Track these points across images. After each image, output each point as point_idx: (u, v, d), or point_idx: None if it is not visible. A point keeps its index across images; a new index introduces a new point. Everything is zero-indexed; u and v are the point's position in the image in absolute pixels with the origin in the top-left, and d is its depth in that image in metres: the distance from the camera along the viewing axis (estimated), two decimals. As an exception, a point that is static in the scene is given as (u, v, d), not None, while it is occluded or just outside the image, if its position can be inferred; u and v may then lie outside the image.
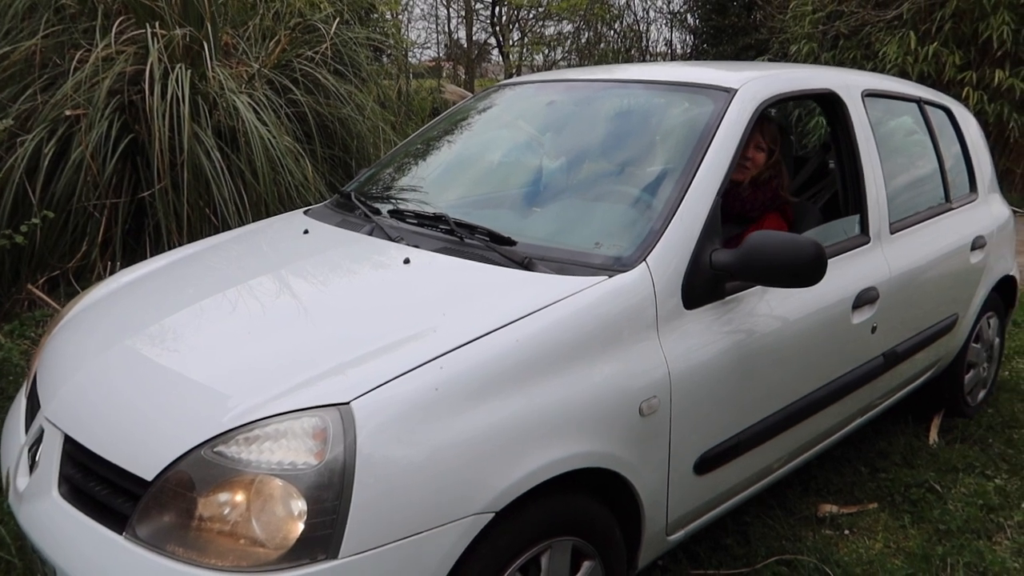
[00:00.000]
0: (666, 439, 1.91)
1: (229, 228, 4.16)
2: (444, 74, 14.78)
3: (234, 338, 1.83)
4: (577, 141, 2.69)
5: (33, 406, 1.91)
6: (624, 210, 2.23)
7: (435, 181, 2.79)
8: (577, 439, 1.69)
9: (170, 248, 4.11)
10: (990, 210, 3.48)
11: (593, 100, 2.80)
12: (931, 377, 3.23)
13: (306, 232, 2.46)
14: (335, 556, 1.39)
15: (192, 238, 4.18)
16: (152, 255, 4.17)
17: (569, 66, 14.75)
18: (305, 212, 2.74)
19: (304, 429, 1.45)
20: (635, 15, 14.23)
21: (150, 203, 4.15)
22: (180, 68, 4.15)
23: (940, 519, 2.70)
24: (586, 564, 1.83)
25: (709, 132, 2.19)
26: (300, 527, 1.40)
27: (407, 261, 2.05)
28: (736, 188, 2.70)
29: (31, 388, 2.01)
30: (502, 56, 15.14)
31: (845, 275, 2.46)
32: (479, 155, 2.93)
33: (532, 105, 3.00)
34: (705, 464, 2.04)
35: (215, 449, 1.46)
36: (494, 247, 2.04)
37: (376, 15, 8.00)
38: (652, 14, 16.46)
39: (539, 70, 14.86)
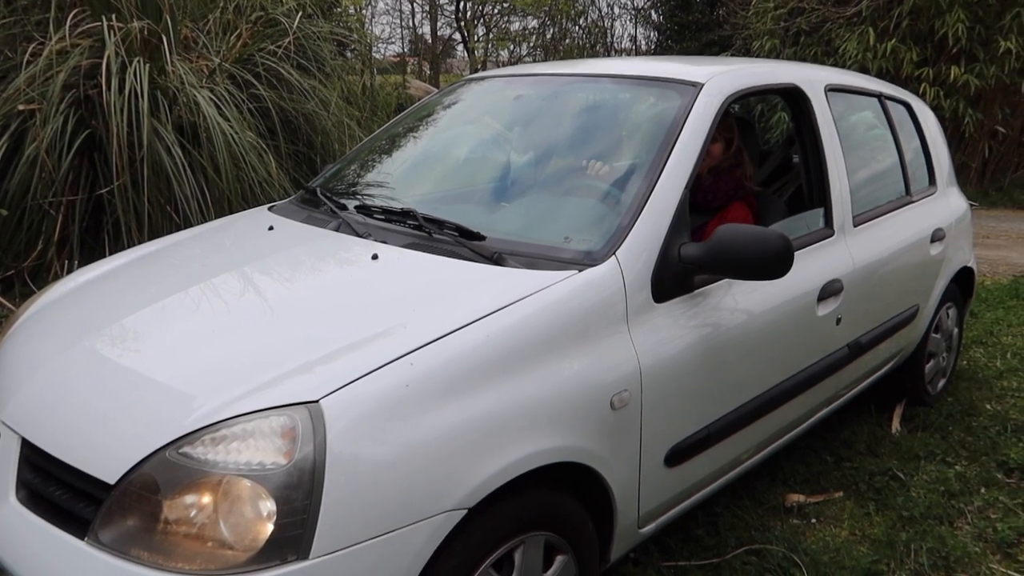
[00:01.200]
0: (637, 432, 1.91)
1: (191, 225, 4.08)
2: (409, 70, 14.69)
3: (198, 337, 1.79)
4: (545, 136, 2.68)
5: None
6: (593, 205, 2.22)
7: (402, 176, 2.76)
8: (549, 434, 1.68)
9: (130, 246, 4.02)
10: (948, 203, 3.54)
11: (560, 95, 2.79)
12: (894, 367, 3.28)
13: (271, 229, 2.42)
14: (306, 556, 1.37)
15: (152, 236, 4.10)
16: (111, 253, 4.08)
17: (534, 62, 14.76)
18: (270, 208, 2.70)
19: (272, 428, 1.43)
20: (600, 11, 14.28)
21: (108, 200, 4.06)
22: (138, 62, 4.06)
23: (903, 506, 2.74)
24: (559, 559, 1.83)
25: (676, 126, 2.20)
26: (269, 528, 1.37)
27: (375, 257, 2.03)
28: (698, 179, 2.69)
29: None
30: (467, 52, 15.09)
31: (810, 267, 2.48)
32: (447, 150, 2.90)
33: (499, 100, 2.98)
34: (676, 456, 2.05)
35: (180, 450, 1.43)
36: (463, 242, 2.02)
37: (339, 9, 7.91)
38: (616, 10, 16.56)
39: (504, 66, 14.84)
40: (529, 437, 1.64)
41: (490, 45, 14.79)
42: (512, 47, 14.63)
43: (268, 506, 1.38)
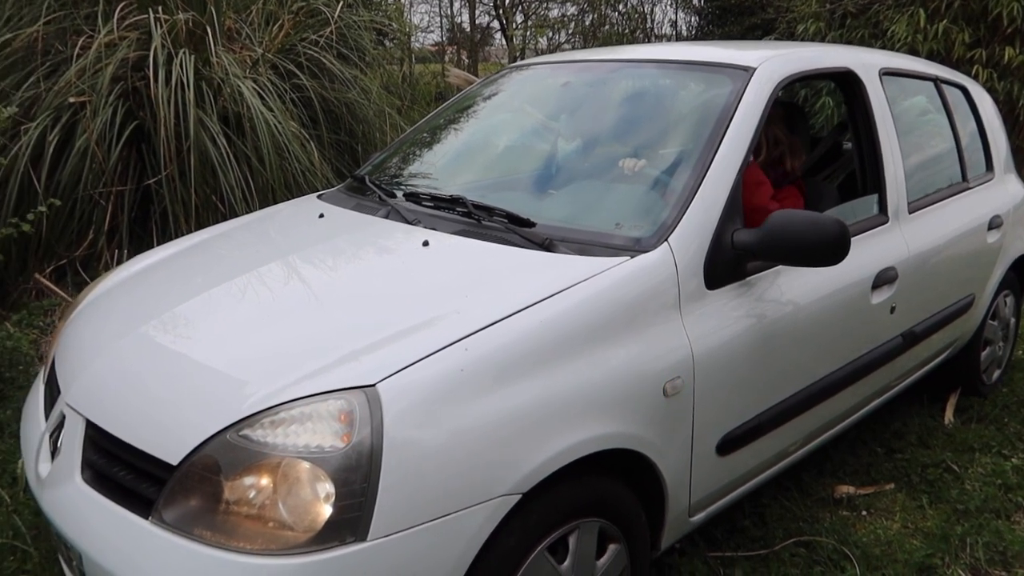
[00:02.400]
0: (689, 420, 1.90)
1: (236, 215, 4.13)
2: (447, 58, 14.70)
3: (255, 323, 1.82)
4: (594, 122, 2.66)
5: (52, 393, 1.90)
6: (644, 191, 2.21)
7: (449, 164, 2.77)
8: (603, 420, 1.68)
9: (177, 235, 4.09)
10: (1006, 189, 3.46)
11: (609, 81, 2.77)
12: (948, 357, 3.21)
13: (321, 216, 2.44)
14: (364, 538, 1.38)
15: (199, 225, 4.16)
16: (159, 243, 4.15)
17: (573, 49, 14.64)
18: (319, 196, 2.72)
19: (330, 412, 1.44)
20: (639, -4, 14.10)
21: (156, 190, 4.12)
22: (184, 53, 4.11)
23: (958, 499, 2.68)
24: (612, 547, 1.82)
25: (728, 111, 2.18)
26: (328, 510, 1.39)
27: (426, 244, 2.04)
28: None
29: (49, 375, 2.01)
30: (505, 39, 15.03)
31: (864, 255, 2.43)
32: (493, 138, 2.90)
33: (546, 87, 2.96)
34: (728, 445, 2.03)
35: (240, 433, 1.46)
36: (513, 229, 2.02)
37: (378, -1, 7.94)
38: (656, -5, 16.34)
39: (542, 53, 14.75)
40: (583, 423, 1.64)
41: (528, 33, 14.71)
42: (550, 34, 14.54)
43: (327, 488, 1.40)
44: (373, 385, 1.46)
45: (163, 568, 1.43)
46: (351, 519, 1.38)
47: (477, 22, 15.58)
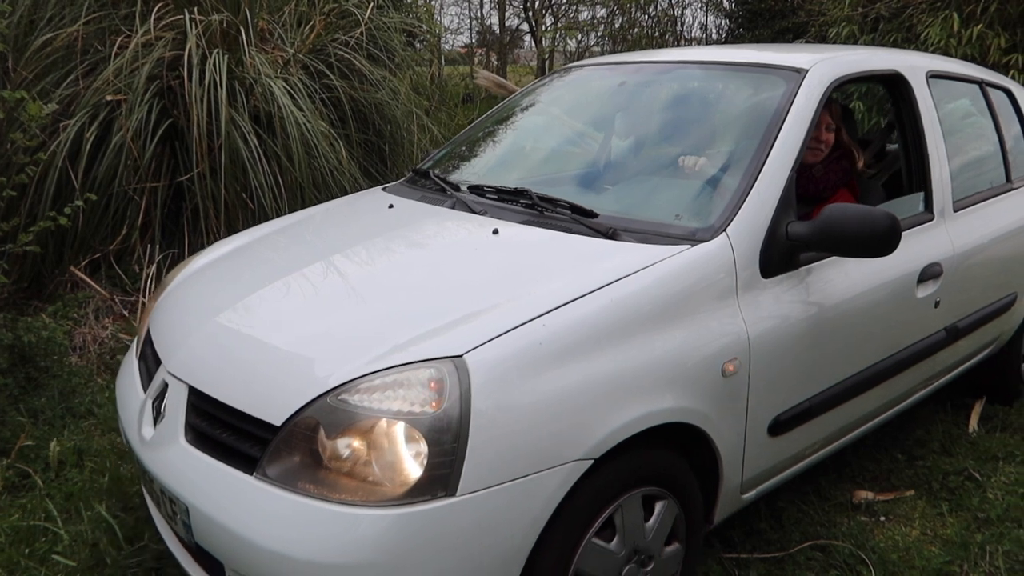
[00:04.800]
0: (744, 400, 2.01)
1: (266, 212, 4.21)
2: (477, 60, 14.76)
3: (344, 300, 1.98)
4: (650, 121, 2.79)
5: (148, 365, 2.09)
6: (702, 186, 2.32)
7: (506, 160, 2.94)
8: (666, 395, 1.81)
9: (208, 232, 4.19)
10: None
11: (664, 81, 2.89)
12: (990, 354, 3.25)
13: (391, 207, 2.59)
14: (454, 493, 1.52)
15: (229, 222, 4.24)
16: (190, 239, 4.25)
17: (603, 51, 14.63)
18: (383, 189, 2.89)
19: (421, 379, 1.57)
20: (670, -1, 14.05)
21: (188, 187, 4.22)
22: (217, 53, 4.20)
23: (979, 507, 2.65)
24: (659, 505, 1.91)
25: (782, 110, 2.29)
26: (422, 467, 1.52)
27: (496, 232, 2.18)
28: (810, 170, 2.76)
29: (142, 349, 2.20)
30: (535, 42, 15.06)
31: (910, 250, 2.50)
32: (549, 135, 3.05)
33: (603, 86, 3.07)
34: (778, 426, 2.14)
35: (339, 397, 1.59)
36: (578, 219, 2.15)
37: (410, 0, 8.01)
38: (687, -2, 16.28)
39: (572, 56, 14.76)
40: (649, 396, 1.77)
41: (558, 35, 14.73)
42: (580, 37, 14.54)
43: (420, 447, 1.53)
44: (461, 356, 1.59)
45: (269, 518, 1.56)
46: (442, 475, 1.51)
47: (507, 24, 15.63)
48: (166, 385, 1.90)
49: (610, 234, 2.06)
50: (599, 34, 14.48)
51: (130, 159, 4.07)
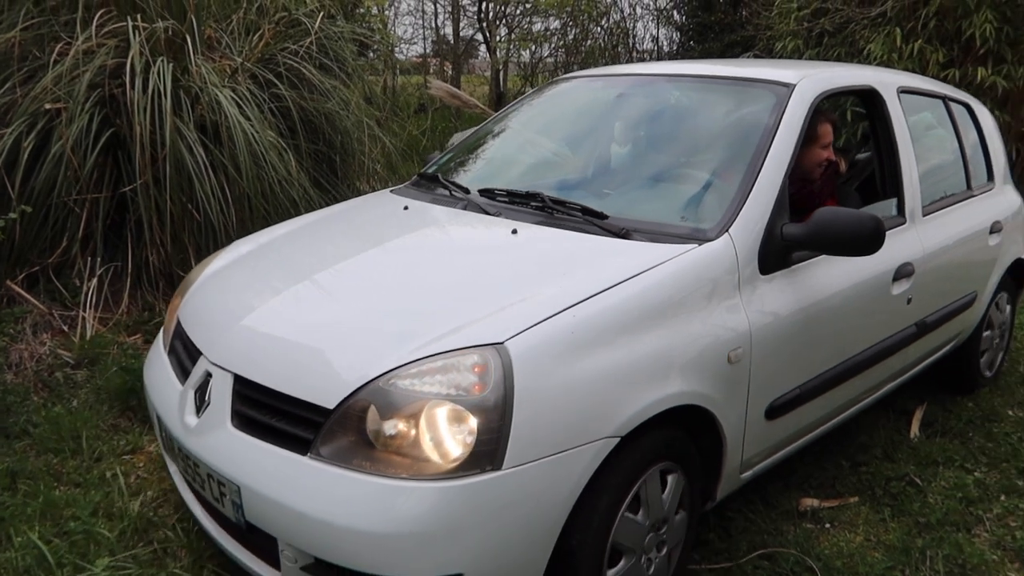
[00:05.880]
0: (746, 386, 2.20)
1: (212, 224, 4.13)
2: (431, 70, 14.73)
3: (383, 294, 2.11)
4: (650, 129, 2.98)
5: (181, 358, 2.20)
6: (704, 190, 2.50)
7: (508, 165, 3.08)
8: (681, 380, 1.98)
9: (152, 244, 4.09)
10: (1005, 198, 3.79)
11: (660, 93, 3.07)
12: (953, 349, 3.49)
13: (406, 208, 2.72)
14: (499, 467, 1.66)
15: (174, 234, 4.15)
16: (134, 251, 4.14)
17: (556, 63, 14.72)
18: (392, 191, 3.01)
19: (466, 364, 1.71)
20: (622, 12, 14.19)
21: (131, 198, 4.11)
22: (162, 61, 4.11)
23: (920, 512, 2.72)
24: (671, 478, 2.09)
25: (775, 121, 2.48)
26: (470, 444, 1.66)
27: (515, 232, 2.33)
28: (811, 185, 2.92)
29: (172, 344, 2.30)
30: (489, 52, 15.09)
31: (886, 251, 2.64)
32: (550, 142, 3.21)
33: (601, 97, 3.25)
34: (774, 411, 2.33)
35: (390, 381, 1.72)
36: (591, 220, 2.31)
37: (362, 10, 7.95)
38: (639, 11, 16.40)
39: (526, 67, 14.82)
40: (665, 381, 1.94)
41: (512, 46, 14.76)
42: (534, 48, 14.60)
43: (469, 426, 1.67)
44: (502, 343, 1.74)
45: (327, 494, 1.68)
46: (489, 451, 1.66)
47: (461, 35, 15.64)
48: (208, 375, 2.00)
49: (623, 234, 2.23)
50: (553, 45, 14.58)
51: (70, 170, 3.95)
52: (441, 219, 2.62)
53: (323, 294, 2.17)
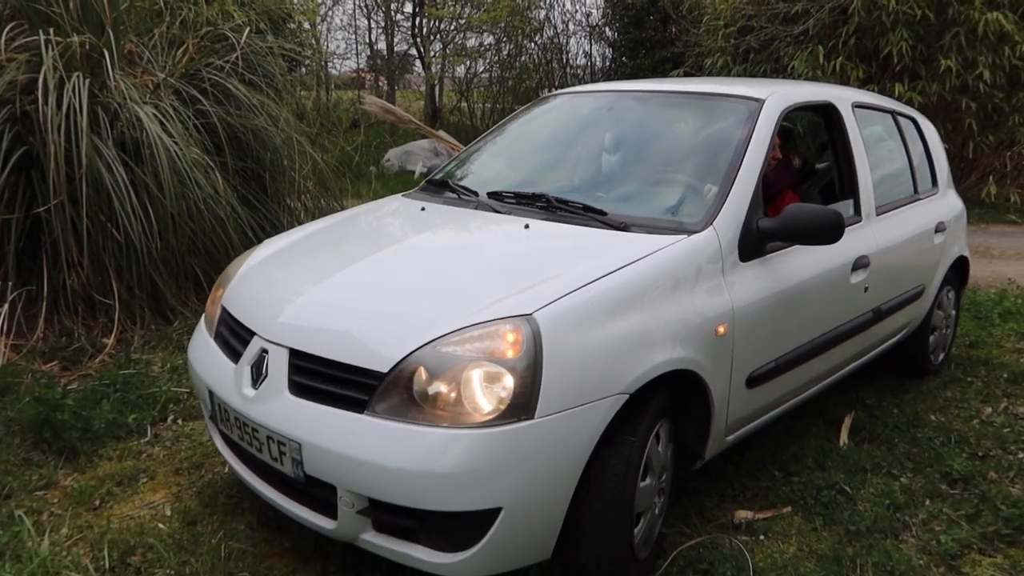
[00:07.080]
0: (730, 357, 2.50)
1: (133, 244, 3.98)
2: (366, 85, 14.61)
3: (422, 277, 2.41)
4: (638, 138, 3.31)
5: (228, 340, 2.44)
6: (690, 189, 2.82)
7: (509, 172, 3.35)
8: (678, 348, 2.29)
9: (69, 265, 3.92)
10: (948, 201, 4.19)
11: (647, 106, 3.41)
12: (905, 336, 3.84)
13: (423, 209, 3.02)
14: (532, 417, 1.95)
15: (94, 255, 3.99)
16: (50, 273, 3.96)
17: (491, 78, 14.78)
18: (404, 196, 3.30)
19: (501, 332, 2.00)
20: (555, 28, 14.35)
21: (46, 219, 3.94)
22: (78, 77, 3.95)
23: (850, 520, 2.76)
24: (665, 431, 2.40)
25: (749, 131, 2.85)
26: (506, 398, 1.95)
27: (527, 226, 2.64)
28: (764, 177, 3.10)
29: (216, 331, 2.54)
30: (424, 67, 15.05)
31: (845, 244, 2.96)
32: (546, 150, 3.52)
33: (594, 110, 3.56)
34: (754, 380, 2.64)
35: (436, 348, 1.99)
36: (593, 216, 2.63)
37: (293, 25, 7.82)
38: (572, 27, 16.65)
39: (461, 82, 14.83)
40: (664, 348, 2.25)
41: (447, 61, 14.77)
42: (468, 63, 14.64)
43: (505, 384, 1.96)
44: (531, 314, 2.02)
45: (385, 443, 1.94)
46: (523, 403, 1.95)
47: (396, 50, 15.56)
48: (264, 352, 2.23)
49: (623, 227, 2.55)
50: (488, 61, 14.63)
51: (-21, 189, 3.76)
52: (459, 217, 2.92)
53: (364, 279, 2.43)
